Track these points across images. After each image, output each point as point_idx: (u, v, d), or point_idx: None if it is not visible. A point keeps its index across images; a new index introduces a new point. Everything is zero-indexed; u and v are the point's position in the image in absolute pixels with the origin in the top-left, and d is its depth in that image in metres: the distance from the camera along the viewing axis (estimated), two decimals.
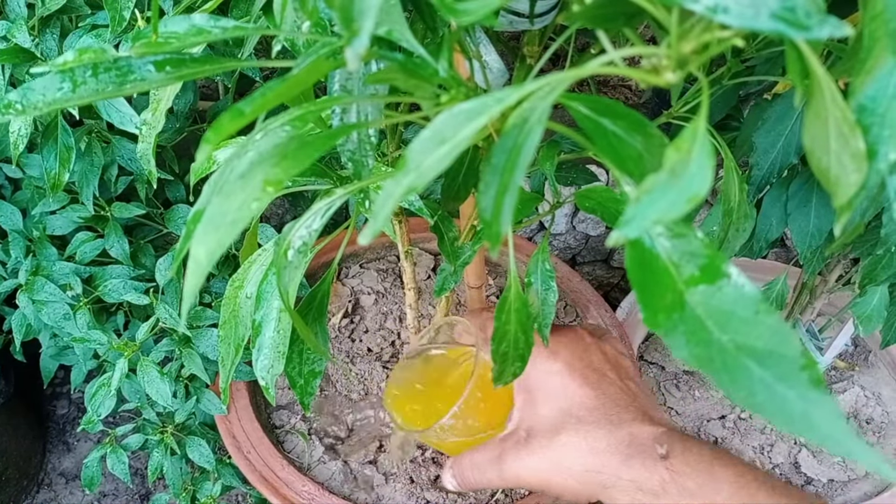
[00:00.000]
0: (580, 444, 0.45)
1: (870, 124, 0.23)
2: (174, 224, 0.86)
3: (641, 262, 0.24)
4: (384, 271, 0.98)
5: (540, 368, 0.49)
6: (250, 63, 0.31)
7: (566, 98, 0.25)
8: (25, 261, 0.81)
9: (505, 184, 0.23)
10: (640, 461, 0.42)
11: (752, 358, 0.21)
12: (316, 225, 0.36)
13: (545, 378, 0.49)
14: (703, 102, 0.23)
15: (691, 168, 0.21)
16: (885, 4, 0.21)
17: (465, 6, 0.24)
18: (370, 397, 0.83)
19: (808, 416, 0.20)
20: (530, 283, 0.50)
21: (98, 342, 0.77)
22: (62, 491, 1.20)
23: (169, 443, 0.84)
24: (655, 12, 0.22)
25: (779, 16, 0.19)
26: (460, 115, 0.22)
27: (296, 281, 0.39)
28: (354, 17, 0.22)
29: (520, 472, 0.47)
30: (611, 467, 0.43)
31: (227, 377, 0.49)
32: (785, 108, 0.58)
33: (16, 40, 0.64)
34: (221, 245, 0.23)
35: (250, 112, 0.24)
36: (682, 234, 0.24)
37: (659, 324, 0.23)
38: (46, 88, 0.27)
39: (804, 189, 0.62)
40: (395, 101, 0.34)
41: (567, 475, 0.45)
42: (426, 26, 0.36)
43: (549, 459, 0.45)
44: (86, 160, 0.76)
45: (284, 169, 0.24)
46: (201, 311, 0.80)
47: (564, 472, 0.45)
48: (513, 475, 0.47)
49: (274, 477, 0.72)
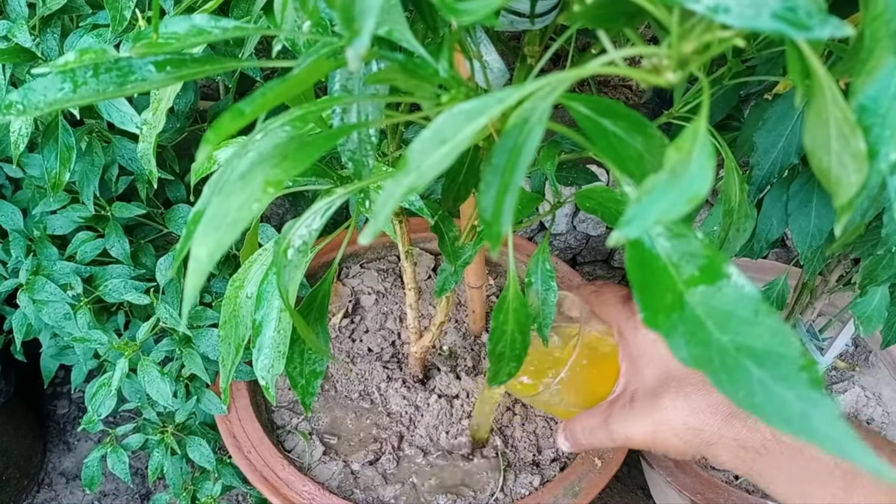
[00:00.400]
0: (682, 404, 0.47)
1: (871, 125, 0.23)
2: (175, 224, 0.86)
3: (641, 263, 0.24)
4: (385, 271, 0.98)
5: (642, 336, 0.52)
6: (251, 63, 0.31)
7: (567, 98, 0.25)
8: (26, 260, 0.81)
9: (506, 184, 0.23)
10: (741, 421, 0.44)
11: (751, 358, 0.21)
12: (316, 224, 0.36)
13: (647, 345, 0.51)
14: (704, 103, 0.23)
15: (692, 168, 0.21)
16: (885, 5, 0.21)
17: (465, 6, 0.24)
18: (371, 397, 0.83)
19: (807, 416, 0.20)
20: (530, 283, 0.50)
21: (98, 342, 0.77)
22: (62, 490, 1.20)
23: (169, 442, 0.84)
24: (656, 12, 0.22)
25: (780, 16, 0.19)
26: (461, 116, 0.22)
27: (296, 280, 0.39)
28: (355, 16, 0.22)
29: (628, 432, 0.49)
30: (712, 426, 0.45)
31: (228, 377, 0.49)
32: (785, 108, 0.58)
33: (17, 40, 0.64)
34: (222, 246, 0.23)
35: (250, 112, 0.24)
36: (681, 235, 0.24)
37: (659, 324, 0.23)
38: (47, 89, 0.27)
39: (805, 189, 0.62)
40: (395, 101, 0.34)
41: (671, 434, 0.47)
42: (427, 26, 0.36)
43: (653, 420, 0.48)
44: (86, 160, 0.76)
45: (285, 169, 0.24)
46: (202, 310, 0.80)
47: (668, 430, 0.47)
48: (621, 435, 0.50)
49: (274, 477, 0.72)
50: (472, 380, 0.83)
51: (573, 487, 0.72)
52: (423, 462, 0.77)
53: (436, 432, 0.79)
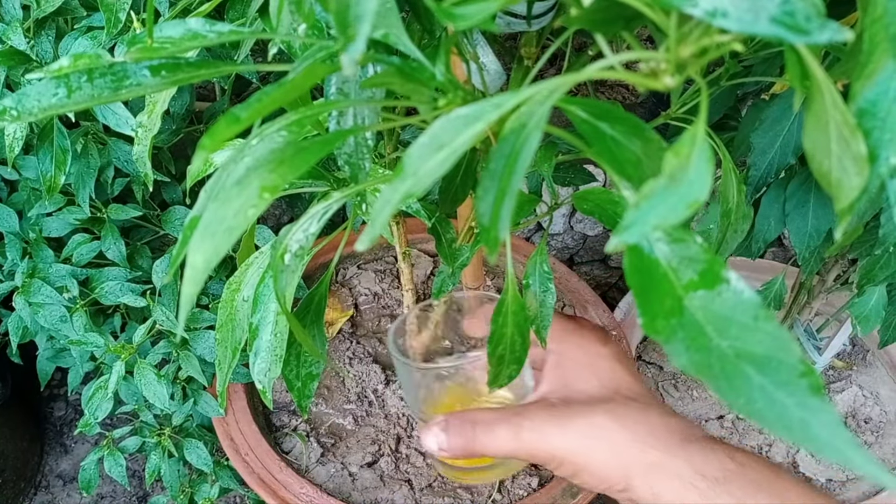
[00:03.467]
0: (630, 416, 0.41)
1: (871, 128, 0.23)
2: (171, 226, 0.86)
3: (640, 268, 0.24)
4: (382, 272, 0.98)
5: (587, 348, 0.47)
6: (247, 67, 0.31)
7: (564, 102, 0.25)
8: (22, 263, 0.81)
9: (503, 189, 0.23)
10: (699, 446, 0.39)
11: (751, 364, 0.21)
12: (313, 229, 0.36)
13: (592, 359, 0.46)
14: (702, 106, 0.23)
15: (690, 173, 0.21)
16: (885, 8, 0.21)
17: (462, 11, 0.24)
18: (368, 399, 0.83)
19: (807, 423, 0.20)
20: (528, 284, 0.50)
21: (95, 344, 0.77)
22: (59, 493, 1.20)
23: (166, 445, 0.84)
24: (654, 16, 0.22)
25: (778, 20, 0.19)
26: (458, 121, 0.22)
27: (293, 284, 0.39)
28: (351, 21, 0.21)
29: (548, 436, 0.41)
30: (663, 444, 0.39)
31: (225, 380, 0.49)
32: (783, 109, 0.58)
33: (11, 42, 0.64)
34: (218, 252, 0.23)
35: (246, 117, 0.24)
36: (681, 239, 0.24)
37: (658, 329, 0.23)
38: (41, 94, 0.27)
39: (802, 189, 0.62)
40: (392, 104, 0.34)
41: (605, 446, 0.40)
42: (423, 28, 0.36)
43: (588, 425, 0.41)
44: (82, 162, 0.76)
45: (281, 175, 0.24)
46: (198, 313, 0.79)
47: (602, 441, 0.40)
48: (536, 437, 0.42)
49: (272, 479, 0.72)
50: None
51: (571, 489, 0.72)
52: (421, 464, 0.77)
53: None
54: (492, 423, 0.43)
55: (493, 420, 0.43)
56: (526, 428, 0.42)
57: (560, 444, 0.41)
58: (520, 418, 0.43)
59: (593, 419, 0.41)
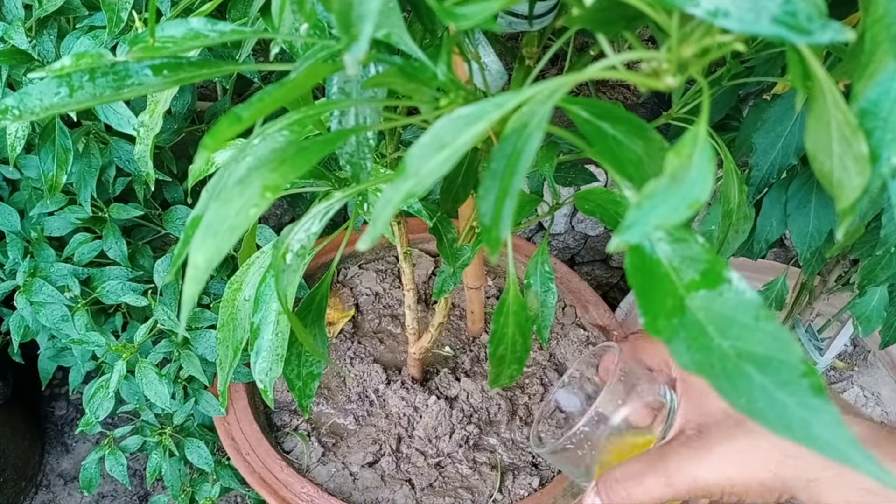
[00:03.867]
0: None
1: (872, 128, 0.23)
2: (172, 225, 0.86)
3: (642, 267, 0.24)
4: (383, 272, 0.98)
5: None
6: (248, 66, 0.31)
7: (565, 102, 0.25)
8: (23, 262, 0.81)
9: (504, 189, 0.23)
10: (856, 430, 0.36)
11: (752, 364, 0.21)
12: (314, 228, 0.36)
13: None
14: (704, 106, 0.23)
15: (692, 173, 0.21)
16: (886, 9, 0.21)
17: (464, 10, 0.24)
18: (369, 399, 0.83)
19: (808, 423, 0.20)
20: (529, 285, 0.50)
21: (96, 344, 0.77)
22: (60, 492, 1.20)
23: (167, 444, 0.84)
24: (656, 16, 0.22)
25: (780, 20, 0.19)
26: (459, 121, 0.22)
27: (294, 284, 0.39)
28: (353, 21, 0.22)
29: (697, 473, 0.40)
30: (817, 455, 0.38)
31: (226, 380, 0.49)
32: (784, 109, 0.58)
33: (13, 42, 0.64)
34: (220, 252, 0.23)
35: (248, 117, 0.24)
36: (682, 239, 0.24)
37: (660, 329, 0.23)
38: (43, 94, 0.27)
39: (804, 190, 0.62)
40: (393, 104, 0.34)
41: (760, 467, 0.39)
42: (424, 28, 0.36)
43: (735, 450, 0.39)
44: (83, 161, 0.76)
45: (283, 174, 0.24)
46: (200, 312, 0.80)
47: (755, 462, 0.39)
48: (686, 477, 0.41)
49: (273, 478, 0.72)
50: (471, 381, 0.83)
51: (572, 489, 0.72)
52: (422, 464, 0.77)
53: (435, 434, 0.79)
54: (639, 477, 0.42)
55: (638, 473, 0.42)
56: (673, 471, 0.41)
57: (717, 477, 0.40)
58: (664, 464, 0.42)
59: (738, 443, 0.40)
